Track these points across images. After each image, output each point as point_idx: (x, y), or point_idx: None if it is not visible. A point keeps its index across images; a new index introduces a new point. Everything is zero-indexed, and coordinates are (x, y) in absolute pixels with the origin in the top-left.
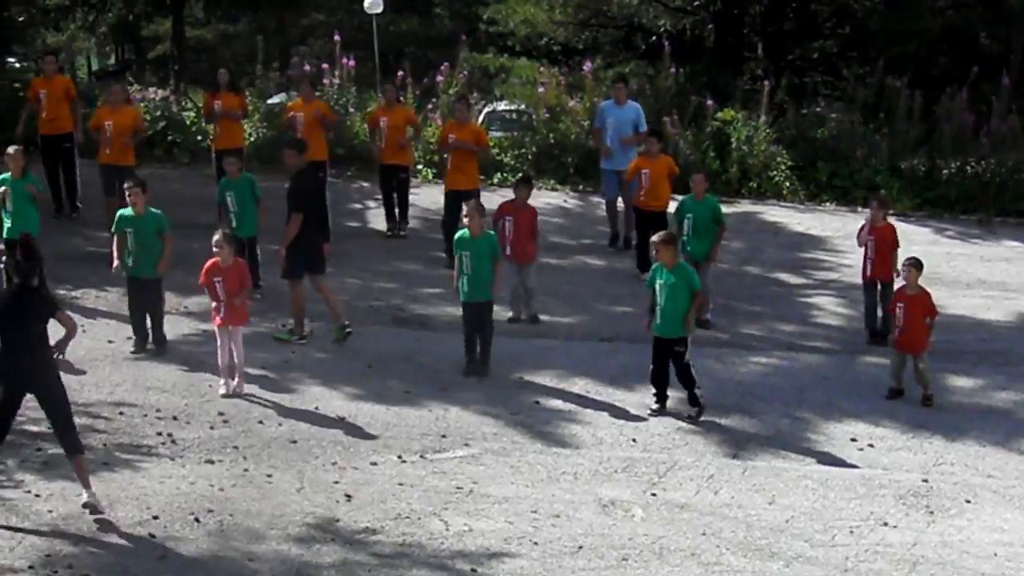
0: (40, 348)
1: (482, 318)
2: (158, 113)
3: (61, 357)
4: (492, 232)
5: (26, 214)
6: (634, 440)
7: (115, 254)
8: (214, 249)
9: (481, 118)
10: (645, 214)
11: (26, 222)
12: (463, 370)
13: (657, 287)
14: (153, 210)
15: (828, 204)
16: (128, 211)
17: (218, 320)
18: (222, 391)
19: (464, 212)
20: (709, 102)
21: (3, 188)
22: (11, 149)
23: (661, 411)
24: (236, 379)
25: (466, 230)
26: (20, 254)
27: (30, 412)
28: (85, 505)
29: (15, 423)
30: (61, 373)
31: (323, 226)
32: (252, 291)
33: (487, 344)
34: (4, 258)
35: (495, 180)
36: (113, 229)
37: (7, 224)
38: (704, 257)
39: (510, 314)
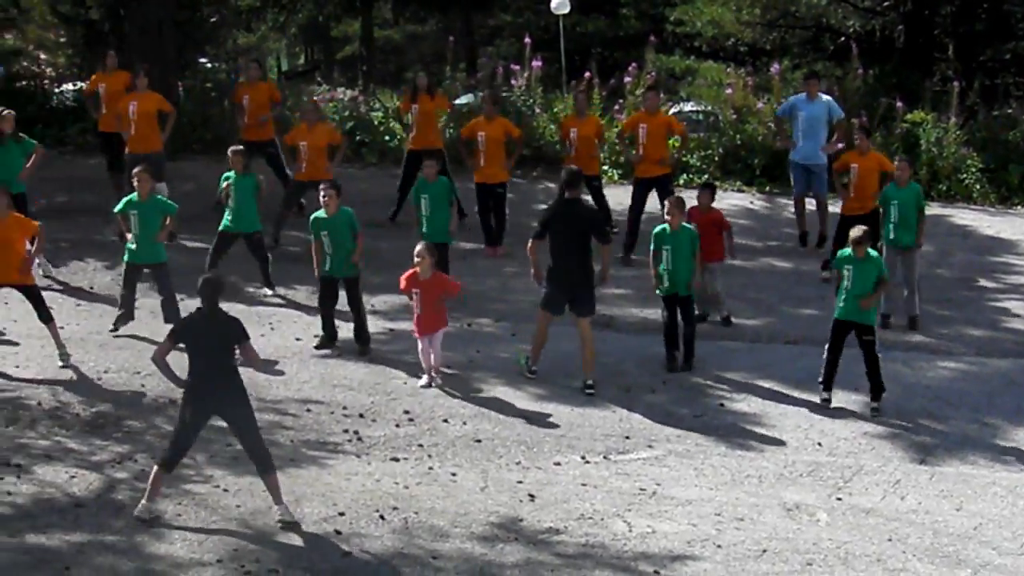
0: (232, 372)
1: (685, 313)
2: (346, 113)
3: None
4: (689, 226)
5: (247, 209)
6: (820, 444)
7: (315, 260)
8: (415, 259)
9: None
10: (851, 220)
11: (247, 217)
12: (665, 367)
13: (846, 272)
14: (345, 209)
15: (1019, 208)
16: (321, 213)
17: (417, 332)
18: (422, 382)
19: (666, 209)
20: (898, 104)
21: (227, 183)
22: (232, 149)
23: (827, 388)
24: (429, 375)
25: (665, 225)
26: (206, 287)
27: None
28: (279, 521)
29: None
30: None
31: (500, 230)
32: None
33: (690, 340)
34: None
35: (680, 181)
36: (312, 236)
37: (228, 217)
38: (912, 243)
39: (696, 312)
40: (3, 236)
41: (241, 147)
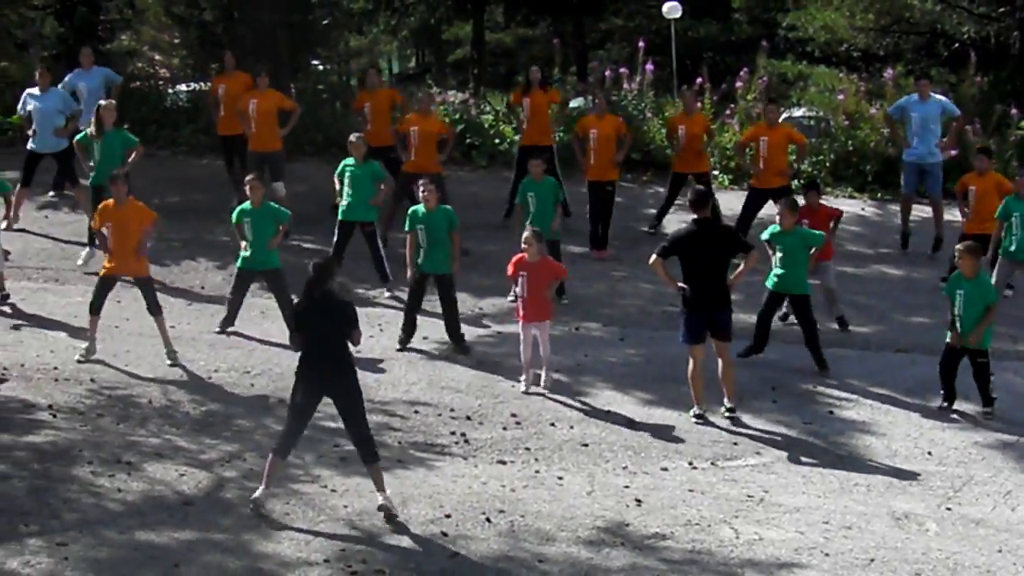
0: (342, 355)
1: (801, 313)
2: (457, 116)
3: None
4: (803, 228)
5: (365, 197)
6: (929, 453)
7: (408, 252)
8: (523, 245)
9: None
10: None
11: (364, 204)
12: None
13: (957, 297)
14: (445, 207)
15: None
16: (420, 207)
17: (522, 316)
18: (523, 388)
19: (778, 210)
20: (1013, 111)
21: (348, 174)
22: (353, 136)
23: (949, 408)
24: (543, 373)
25: (776, 225)
26: (317, 272)
27: (327, 408)
28: (380, 508)
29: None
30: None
31: (604, 231)
32: (558, 298)
33: (813, 339)
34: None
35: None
36: (408, 228)
37: (345, 202)
38: None
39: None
40: (122, 221)
41: (360, 135)
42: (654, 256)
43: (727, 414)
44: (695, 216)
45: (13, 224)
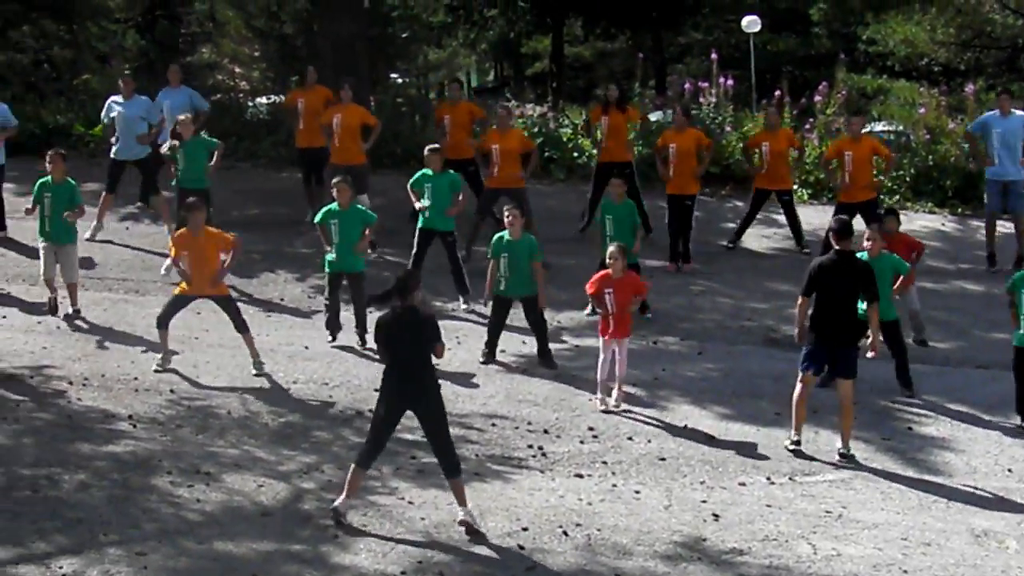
0: (426, 368)
1: (891, 337)
2: (535, 130)
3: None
4: (889, 254)
5: (444, 207)
6: (1010, 470)
7: (488, 280)
8: (608, 260)
9: None
10: None
11: (443, 214)
12: (902, 392)
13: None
14: (529, 235)
15: None
16: (505, 234)
17: (607, 333)
18: (600, 407)
19: (867, 235)
20: None
21: (427, 184)
22: (430, 147)
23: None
24: (616, 389)
25: (864, 252)
26: (400, 284)
27: (404, 419)
28: (461, 523)
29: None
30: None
31: (685, 245)
32: (640, 314)
33: (903, 363)
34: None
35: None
36: (490, 255)
37: (424, 216)
38: None
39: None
40: (199, 250)
41: (437, 146)
42: (801, 297)
43: (840, 460)
44: (837, 247)
45: (97, 233)
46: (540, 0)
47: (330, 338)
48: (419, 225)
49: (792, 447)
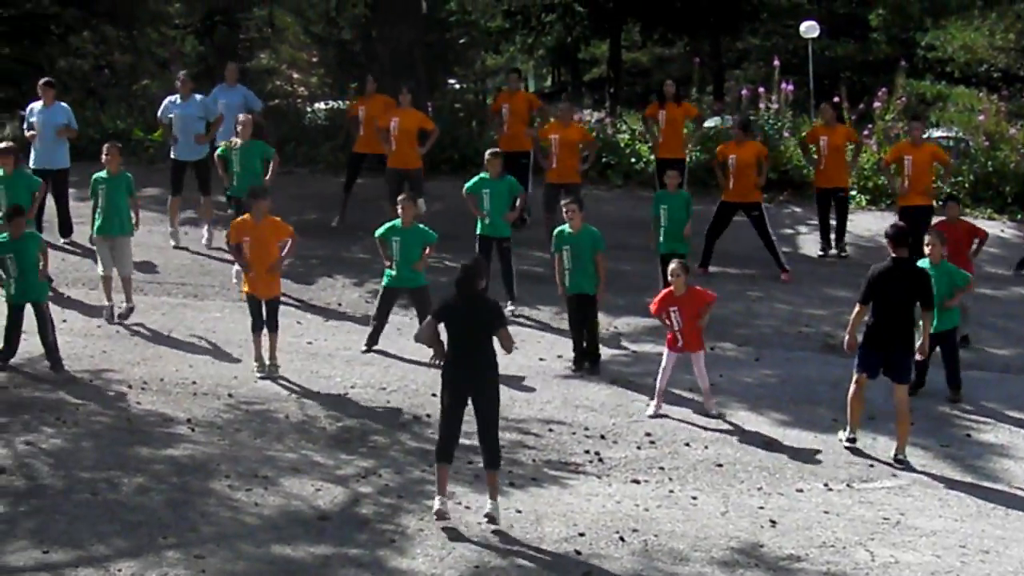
0: (486, 355)
1: (945, 346)
2: (593, 135)
3: None
4: (950, 264)
5: (500, 213)
6: None
7: (556, 275)
8: (670, 278)
9: None
10: None
11: (500, 222)
12: (949, 397)
13: None
14: (590, 228)
15: None
16: (566, 227)
17: (675, 348)
18: (649, 412)
19: (927, 241)
20: None
21: (485, 190)
22: (490, 152)
23: None
24: (706, 399)
25: (925, 259)
26: (465, 272)
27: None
28: (486, 515)
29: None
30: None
31: (775, 256)
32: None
33: (954, 371)
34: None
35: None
36: (553, 250)
37: (485, 221)
38: None
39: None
40: (260, 238)
41: (498, 150)
42: (858, 305)
43: (897, 463)
44: (893, 254)
45: (175, 237)
46: (598, 5)
47: (364, 347)
48: (478, 232)
49: (847, 444)
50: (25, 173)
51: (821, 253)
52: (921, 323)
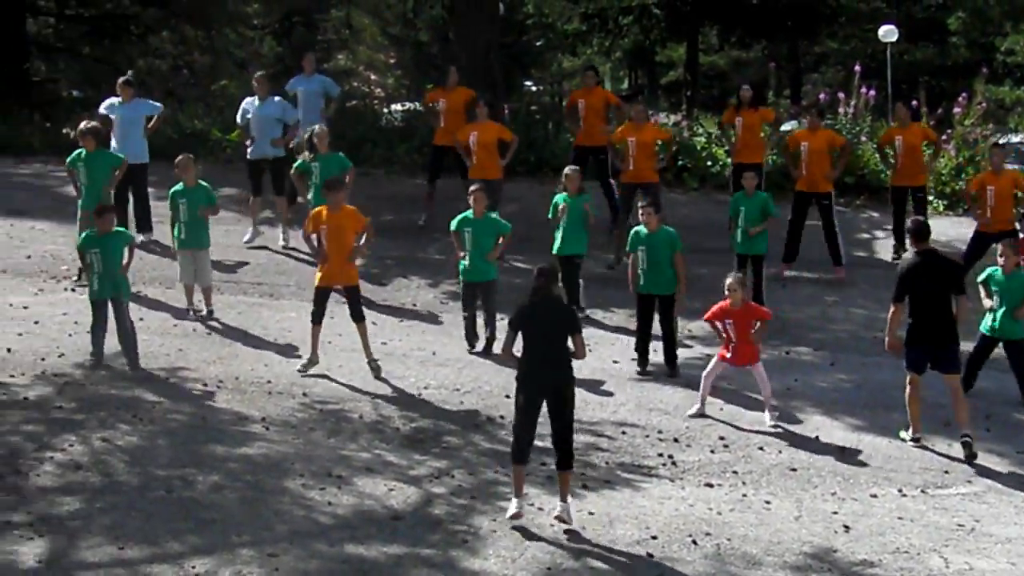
0: (562, 357)
1: (1016, 358)
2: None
3: None
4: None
5: (576, 231)
6: None
7: (630, 274)
8: (726, 292)
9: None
10: None
11: (576, 240)
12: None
13: None
14: (667, 228)
15: None
16: (642, 228)
17: (726, 358)
18: (691, 411)
19: (999, 251)
20: None
21: (562, 205)
22: (569, 169)
23: None
24: (766, 410)
25: (998, 268)
26: (542, 276)
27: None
28: (557, 517)
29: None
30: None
31: (834, 249)
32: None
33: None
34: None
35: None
36: (628, 249)
37: (560, 238)
38: None
39: None
40: (336, 227)
41: (577, 167)
42: (893, 304)
43: (963, 440)
44: (915, 249)
45: (256, 238)
46: (675, 8)
47: (468, 347)
48: (553, 251)
49: (912, 444)
50: (106, 151)
51: (895, 256)
52: (958, 312)
